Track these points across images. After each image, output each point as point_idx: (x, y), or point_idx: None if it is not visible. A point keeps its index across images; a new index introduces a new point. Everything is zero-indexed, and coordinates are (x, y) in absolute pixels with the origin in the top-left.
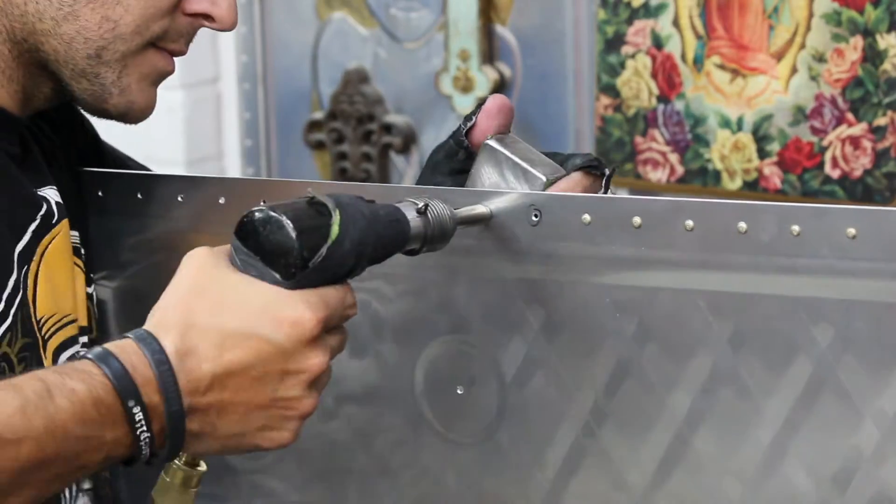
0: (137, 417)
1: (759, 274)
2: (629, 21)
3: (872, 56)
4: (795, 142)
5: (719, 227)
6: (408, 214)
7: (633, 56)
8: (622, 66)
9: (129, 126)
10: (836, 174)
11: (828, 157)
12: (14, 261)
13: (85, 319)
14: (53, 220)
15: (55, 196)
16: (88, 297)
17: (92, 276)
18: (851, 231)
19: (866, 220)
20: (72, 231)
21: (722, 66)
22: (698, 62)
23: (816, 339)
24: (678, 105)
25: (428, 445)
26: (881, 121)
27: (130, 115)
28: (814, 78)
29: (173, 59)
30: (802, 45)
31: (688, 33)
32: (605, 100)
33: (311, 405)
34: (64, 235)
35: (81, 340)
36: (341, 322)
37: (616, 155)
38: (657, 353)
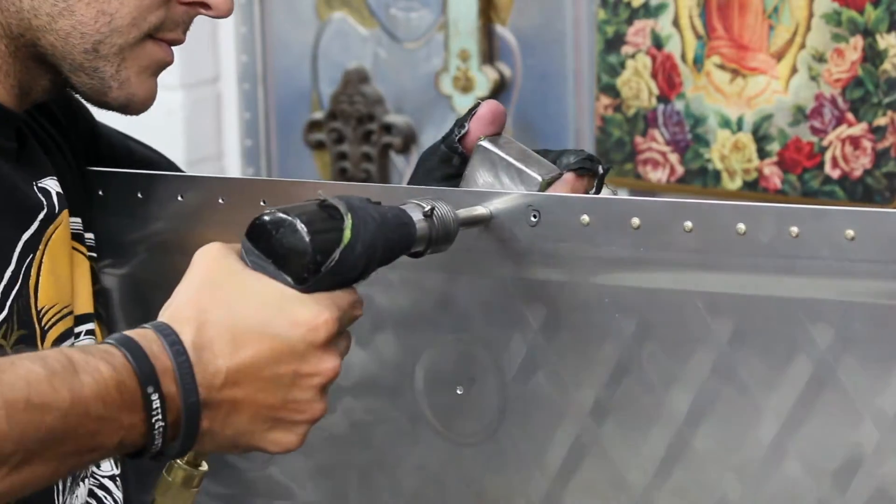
0: (155, 405)
1: (759, 275)
2: (629, 21)
3: (872, 56)
4: (795, 142)
5: (718, 228)
6: (413, 217)
7: (633, 56)
8: (622, 66)
9: (129, 126)
10: (836, 174)
11: (828, 157)
12: (15, 252)
13: (86, 307)
14: (56, 211)
15: (56, 187)
16: (97, 289)
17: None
18: (850, 232)
19: (865, 222)
20: (73, 218)
21: (722, 66)
22: (698, 62)
23: (816, 339)
24: (678, 105)
25: (428, 445)
26: (881, 121)
27: (131, 106)
28: (814, 78)
29: (171, 48)
30: (802, 45)
31: (688, 33)
32: (605, 100)
33: (320, 410)
34: (65, 226)
35: (77, 330)
36: (349, 325)
37: (616, 155)
38: (656, 353)
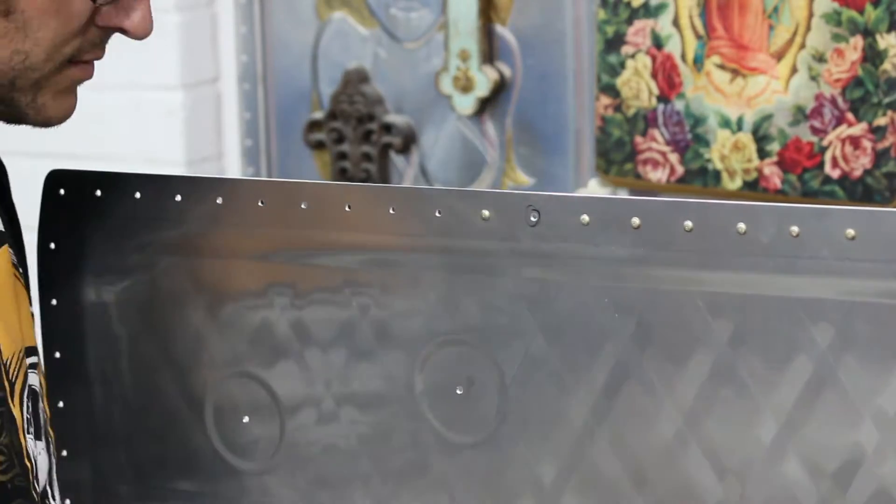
0: None
1: (759, 274)
2: (629, 21)
3: (872, 56)
4: (795, 142)
5: (719, 227)
6: None
7: (633, 56)
8: (622, 65)
9: (129, 126)
10: (836, 174)
11: (828, 157)
12: None
13: (31, 339)
14: None
15: None
16: (31, 315)
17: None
18: (851, 232)
19: (866, 221)
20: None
21: (722, 66)
22: (698, 62)
23: (816, 339)
24: (678, 105)
25: (428, 445)
26: (881, 121)
27: (49, 125)
28: (814, 78)
29: (92, 64)
30: (802, 45)
31: (688, 33)
32: (605, 100)
33: None
34: (6, 259)
35: (28, 361)
36: None
37: (616, 155)
38: (657, 353)
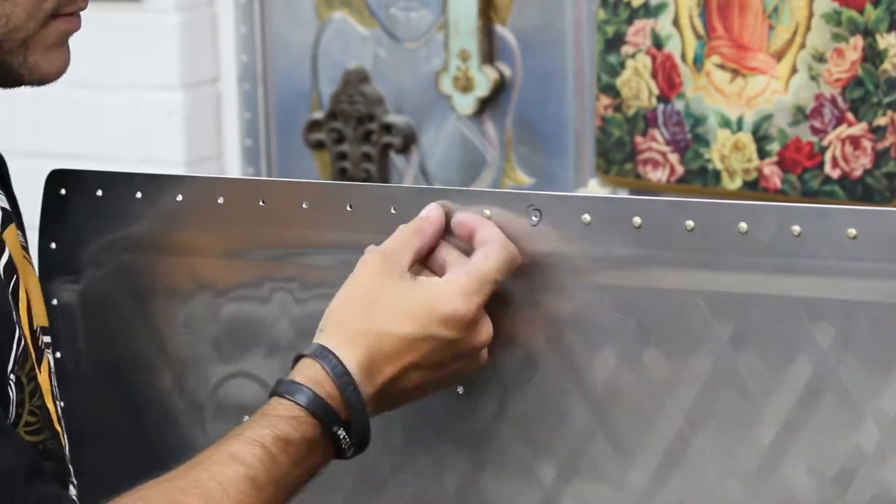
0: (341, 436)
1: (760, 274)
2: (629, 21)
3: (872, 56)
4: (795, 142)
5: (719, 227)
6: None
7: (633, 56)
8: (622, 65)
9: (129, 126)
10: (836, 174)
11: (828, 156)
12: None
13: (44, 319)
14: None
15: (3, 202)
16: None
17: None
18: (852, 231)
19: (866, 221)
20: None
21: (722, 66)
22: (698, 62)
23: (816, 339)
24: (678, 105)
25: (428, 445)
26: (881, 121)
27: (46, 82)
28: (814, 78)
29: (78, 15)
30: (802, 45)
31: (688, 33)
32: (605, 100)
33: (484, 359)
34: (16, 238)
35: (44, 339)
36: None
37: (616, 155)
38: (657, 353)
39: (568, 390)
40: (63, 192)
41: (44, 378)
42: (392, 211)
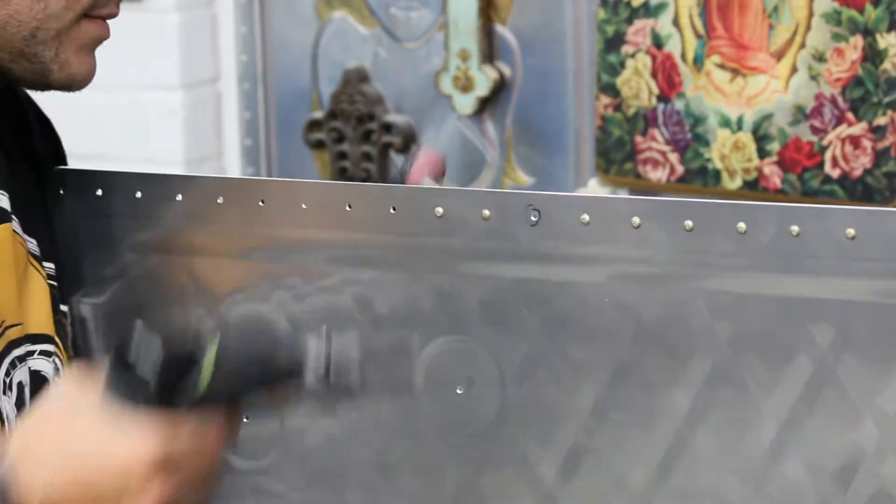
0: None
1: (759, 274)
2: (629, 20)
3: (872, 55)
4: (795, 141)
5: (719, 227)
6: (309, 347)
7: (633, 55)
8: (622, 65)
9: (129, 126)
10: (836, 174)
11: (828, 156)
12: None
13: (42, 327)
14: None
15: (4, 202)
16: (62, 314)
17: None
18: (851, 231)
19: (866, 221)
20: (29, 237)
21: (722, 66)
22: (698, 62)
23: (816, 338)
24: (678, 104)
25: (428, 445)
26: (881, 120)
27: (73, 86)
28: (814, 77)
29: (107, 23)
30: (802, 45)
31: (688, 33)
32: (605, 99)
33: None
34: (3, 239)
35: (32, 349)
36: (201, 453)
37: (616, 154)
38: (657, 353)
39: (568, 390)
40: (62, 191)
41: None
42: (392, 211)
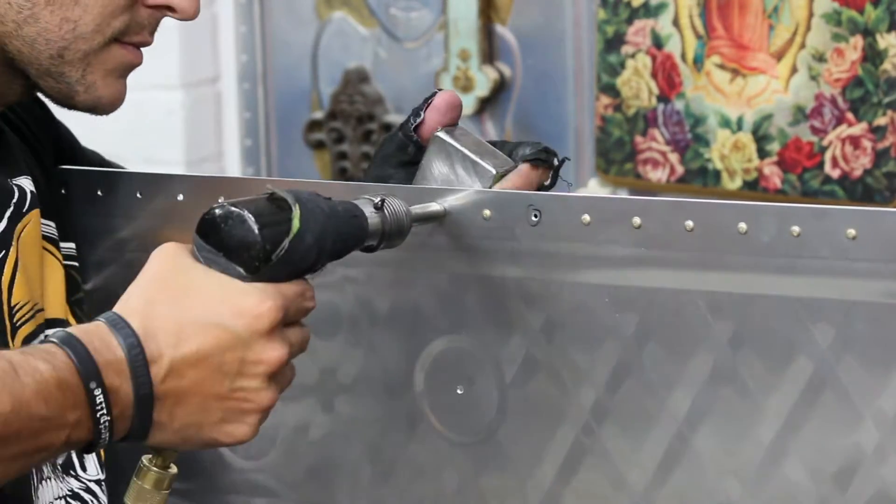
0: (98, 400)
1: (759, 274)
2: (629, 21)
3: (872, 56)
4: (795, 141)
5: (719, 227)
6: (365, 210)
7: (633, 56)
8: (622, 65)
9: (129, 126)
10: (836, 174)
11: (828, 156)
12: None
13: (58, 311)
14: (24, 209)
15: (29, 185)
16: (75, 302)
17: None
18: (851, 232)
19: (866, 221)
20: (46, 221)
21: (722, 66)
22: (698, 62)
23: (816, 339)
24: (678, 105)
25: (428, 445)
26: (881, 121)
27: (98, 109)
28: (814, 78)
29: (140, 50)
30: (802, 45)
31: (688, 33)
32: (605, 99)
33: (269, 398)
34: (35, 224)
35: (48, 332)
36: (300, 315)
37: (616, 154)
38: (657, 353)
39: (568, 390)
40: (63, 191)
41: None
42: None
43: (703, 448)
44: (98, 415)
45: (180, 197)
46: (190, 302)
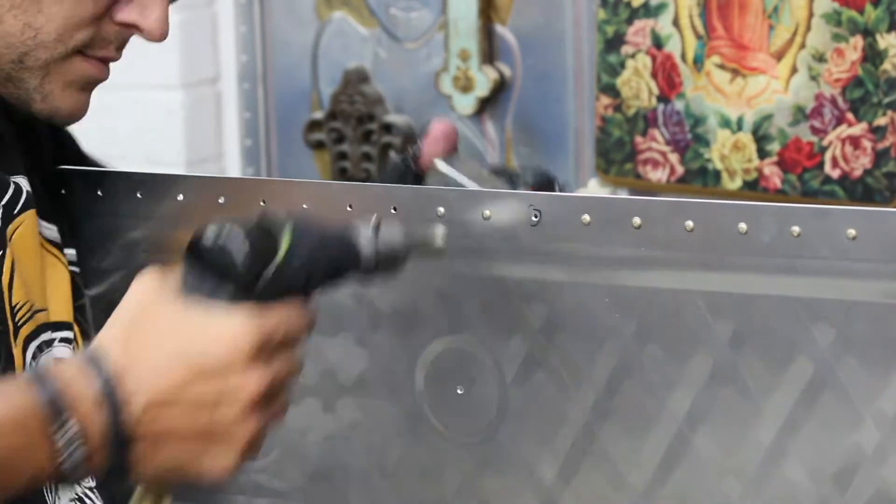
0: (66, 436)
1: (760, 274)
2: (629, 21)
3: (872, 56)
4: (795, 142)
5: (719, 227)
6: (360, 235)
7: (633, 56)
8: (622, 65)
9: (129, 126)
10: (836, 174)
11: (828, 156)
12: None
13: (62, 314)
14: (16, 210)
15: (25, 185)
16: (78, 308)
17: (82, 282)
18: (851, 232)
19: (866, 221)
20: (48, 223)
21: (722, 66)
22: (698, 62)
23: (816, 339)
24: (678, 105)
25: (428, 445)
26: (881, 121)
27: (56, 119)
28: (814, 78)
29: (105, 65)
30: (802, 45)
31: (688, 33)
32: (605, 99)
33: (250, 429)
34: (29, 226)
35: (52, 336)
36: (290, 340)
37: (616, 155)
38: (657, 353)
39: (568, 390)
40: (63, 191)
41: (18, 349)
42: (392, 211)
43: (703, 448)
44: (68, 451)
45: (180, 197)
46: (168, 336)
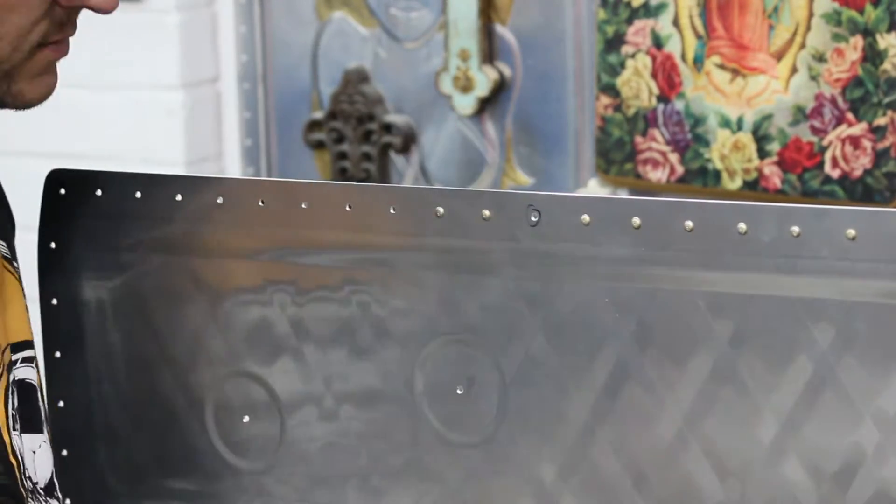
0: None
1: (759, 274)
2: (629, 21)
3: (872, 56)
4: (795, 142)
5: (719, 227)
6: None
7: (633, 56)
8: (622, 65)
9: (129, 126)
10: (836, 174)
11: (828, 156)
12: None
13: (21, 334)
14: None
15: None
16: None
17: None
18: (851, 232)
19: (866, 221)
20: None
21: (722, 66)
22: (698, 62)
23: (816, 339)
24: (678, 105)
25: (428, 445)
26: (881, 121)
27: (30, 106)
28: (814, 78)
29: (65, 42)
30: (802, 45)
31: (688, 33)
32: (605, 99)
33: None
34: None
35: (14, 358)
36: None
37: (616, 155)
38: (657, 353)
39: (568, 390)
40: (62, 191)
41: None
42: (392, 211)
43: (703, 448)
44: None
45: (179, 197)
46: None
